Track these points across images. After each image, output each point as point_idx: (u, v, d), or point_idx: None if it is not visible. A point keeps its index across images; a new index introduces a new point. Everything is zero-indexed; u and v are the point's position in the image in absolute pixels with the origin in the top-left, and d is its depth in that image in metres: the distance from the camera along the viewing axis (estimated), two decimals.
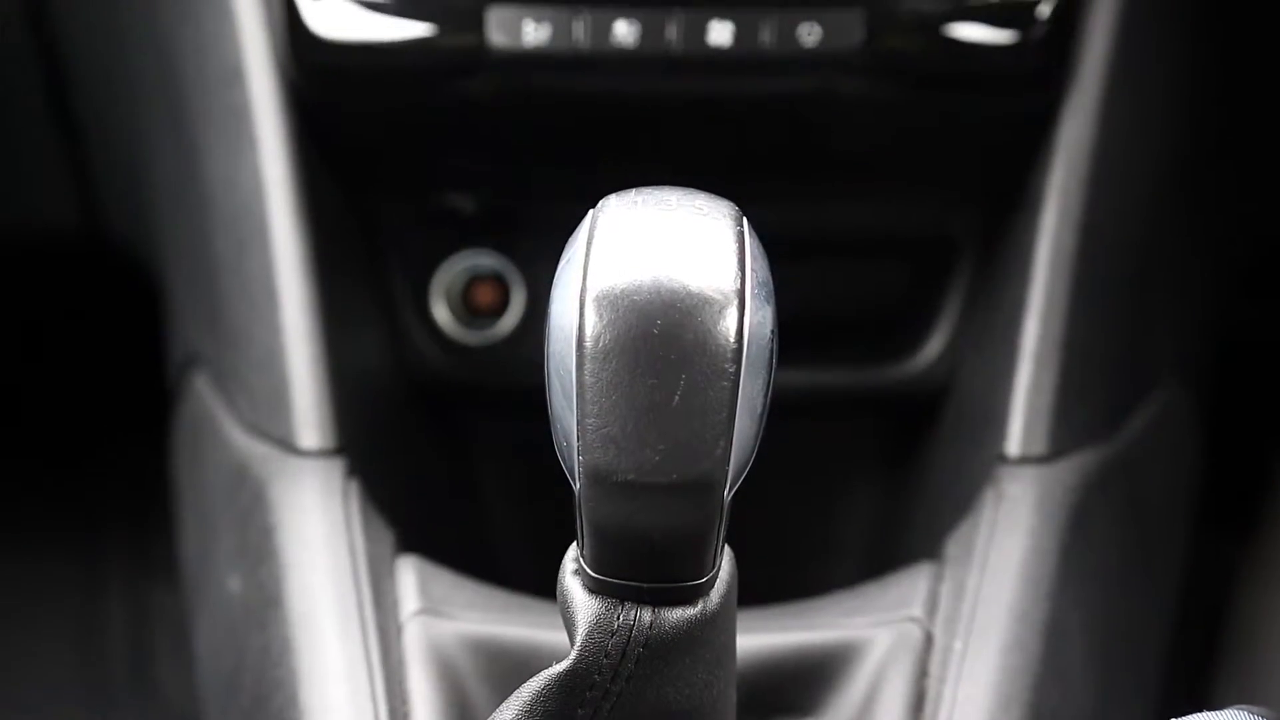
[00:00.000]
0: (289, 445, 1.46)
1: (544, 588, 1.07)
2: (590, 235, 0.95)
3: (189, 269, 1.65)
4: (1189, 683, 1.79)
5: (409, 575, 1.36)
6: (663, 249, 0.93)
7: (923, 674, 1.30)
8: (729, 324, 0.92)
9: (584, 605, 0.97)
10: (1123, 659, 1.46)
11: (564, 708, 0.98)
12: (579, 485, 0.94)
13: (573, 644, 0.97)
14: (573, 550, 1.00)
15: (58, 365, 2.31)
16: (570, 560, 1.00)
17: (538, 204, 1.64)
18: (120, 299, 2.08)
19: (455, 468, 1.74)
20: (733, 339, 0.92)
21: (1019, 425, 1.47)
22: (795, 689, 1.30)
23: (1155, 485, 1.60)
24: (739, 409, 0.92)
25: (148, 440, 1.85)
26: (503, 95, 1.53)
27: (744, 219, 0.96)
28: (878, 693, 1.29)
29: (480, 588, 1.39)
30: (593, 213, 0.97)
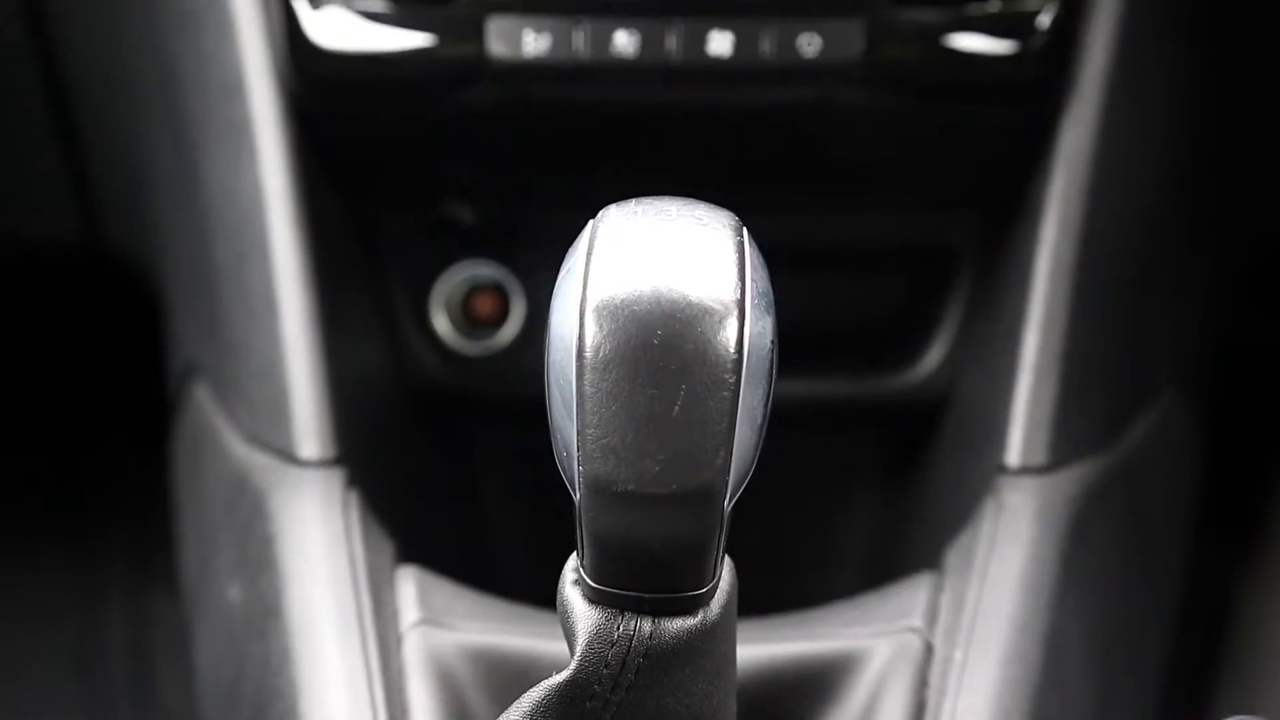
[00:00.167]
0: (289, 455, 1.46)
1: (544, 598, 1.07)
2: (590, 245, 0.95)
3: (189, 279, 1.65)
4: (1189, 691, 1.78)
5: (409, 585, 1.36)
6: (663, 259, 0.93)
7: (923, 684, 1.30)
8: (729, 334, 0.92)
9: (584, 615, 0.97)
10: (1123, 669, 1.46)
11: (564, 718, 0.98)
12: (579, 495, 0.94)
13: (573, 654, 0.97)
14: (573, 560, 0.99)
15: (58, 373, 2.30)
16: (570, 570, 1.00)
17: (538, 214, 1.64)
18: (120, 308, 2.08)
19: (455, 478, 1.74)
20: (733, 349, 0.92)
21: (1019, 436, 1.47)
22: (795, 699, 1.30)
23: (1155, 494, 1.59)
24: (739, 419, 0.92)
25: (148, 449, 1.85)
26: (503, 105, 1.53)
27: (744, 229, 0.96)
28: (878, 703, 1.29)
29: (480, 598, 1.39)
30: (593, 223, 0.97)
